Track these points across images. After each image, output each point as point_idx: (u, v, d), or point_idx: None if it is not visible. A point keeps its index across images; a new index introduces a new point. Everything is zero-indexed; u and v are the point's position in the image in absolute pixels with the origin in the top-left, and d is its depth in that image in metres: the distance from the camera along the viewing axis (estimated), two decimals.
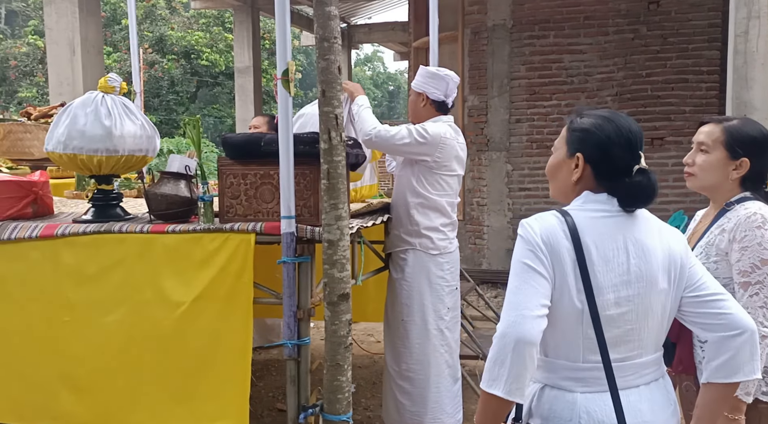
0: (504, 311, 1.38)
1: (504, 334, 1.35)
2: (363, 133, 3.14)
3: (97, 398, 2.69)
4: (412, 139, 3.10)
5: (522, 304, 1.36)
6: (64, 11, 6.10)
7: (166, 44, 19.24)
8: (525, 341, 1.33)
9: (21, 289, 2.79)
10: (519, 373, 1.32)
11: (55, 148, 2.84)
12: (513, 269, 1.42)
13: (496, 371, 1.34)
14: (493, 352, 1.37)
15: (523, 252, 1.41)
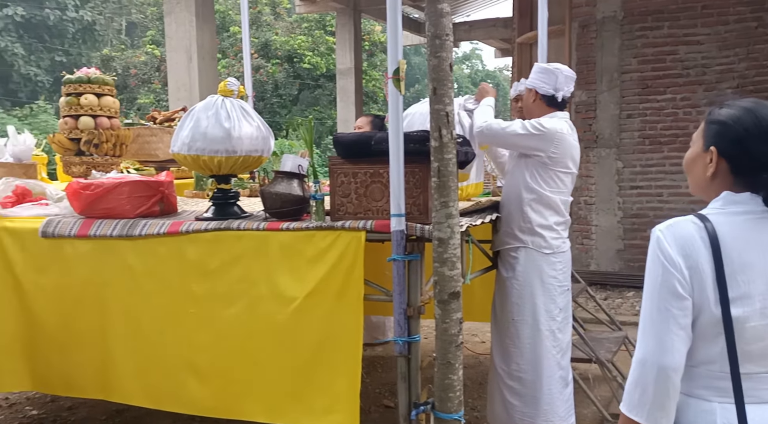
0: (642, 336, 1.33)
1: (644, 361, 1.31)
2: (475, 126, 3.14)
3: (218, 385, 2.82)
4: (526, 132, 3.06)
5: (662, 330, 1.30)
6: (182, 20, 6.45)
7: (270, 49, 19.92)
8: (667, 369, 1.28)
9: (150, 281, 2.96)
10: (663, 402, 1.29)
11: (180, 149, 3.00)
12: (649, 289, 1.35)
13: (637, 397, 1.31)
14: (633, 376, 1.33)
15: (659, 270, 1.33)
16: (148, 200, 3.19)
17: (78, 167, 3.70)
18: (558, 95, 3.20)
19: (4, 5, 26.99)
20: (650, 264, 1.36)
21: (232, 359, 2.80)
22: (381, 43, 20.91)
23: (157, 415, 3.83)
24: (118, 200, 3.13)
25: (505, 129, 3.08)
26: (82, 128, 3.65)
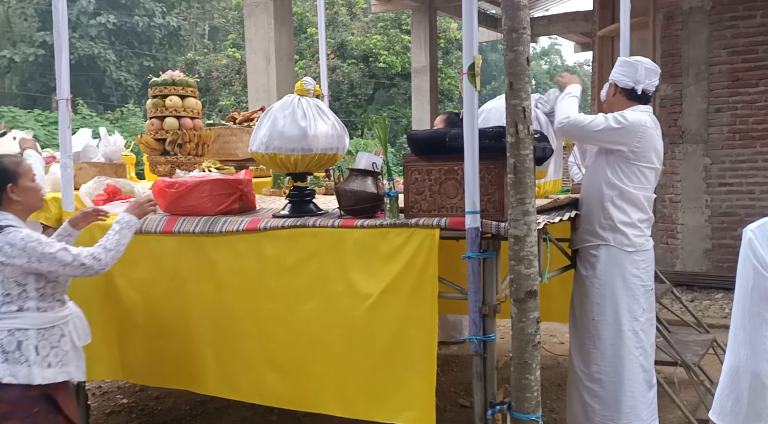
0: (733, 342, 1.26)
1: (736, 368, 1.24)
2: (557, 121, 3.07)
3: (296, 379, 2.88)
4: (608, 126, 2.96)
5: (755, 337, 1.22)
6: (262, 23, 6.62)
7: (346, 49, 20.16)
8: (762, 376, 1.21)
9: (230, 276, 3.05)
10: (759, 411, 1.22)
11: (258, 148, 3.08)
12: (740, 293, 1.26)
13: (730, 405, 1.24)
14: (725, 384, 1.26)
15: (750, 273, 1.24)
16: (228, 198, 3.28)
17: (163, 166, 3.86)
18: (638, 88, 3.08)
19: (97, 13, 28.51)
20: (741, 266, 1.28)
21: (309, 354, 2.84)
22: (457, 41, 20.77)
23: (237, 406, 3.96)
24: (200, 198, 3.24)
25: (588, 123, 2.99)
26: (167, 129, 3.80)
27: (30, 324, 2.53)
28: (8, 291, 2.51)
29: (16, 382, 2.45)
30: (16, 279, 2.51)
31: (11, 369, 2.45)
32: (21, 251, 2.45)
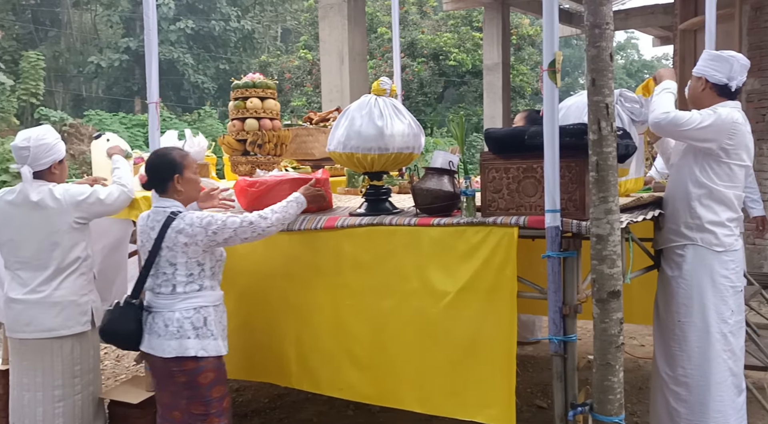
0: None
1: None
2: (652, 117, 2.99)
3: (375, 375, 2.92)
4: (705, 122, 2.87)
5: None
6: (336, 24, 6.73)
7: (416, 48, 20.17)
8: None
9: (309, 273, 3.12)
10: None
11: (335, 148, 3.13)
12: None
13: None
14: None
15: None
16: None
17: (244, 166, 3.98)
18: (732, 84, 2.98)
19: (177, 19, 29.62)
20: None
21: (387, 349, 2.88)
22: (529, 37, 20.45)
23: (314, 400, 4.05)
24: (280, 197, 3.31)
25: (686, 121, 2.89)
26: (247, 130, 3.92)
27: (209, 301, 2.81)
28: (191, 271, 2.77)
29: (207, 355, 2.74)
30: (197, 259, 2.78)
31: (202, 344, 2.73)
32: (200, 228, 2.72)
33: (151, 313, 2.79)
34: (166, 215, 2.78)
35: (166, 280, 2.77)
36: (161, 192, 2.85)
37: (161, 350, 2.72)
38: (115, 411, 3.59)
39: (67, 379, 3.30)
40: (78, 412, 3.34)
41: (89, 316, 3.33)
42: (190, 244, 2.74)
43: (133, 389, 3.66)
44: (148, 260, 2.78)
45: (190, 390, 2.74)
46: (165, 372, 2.77)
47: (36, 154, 3.25)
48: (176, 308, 2.75)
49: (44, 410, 3.30)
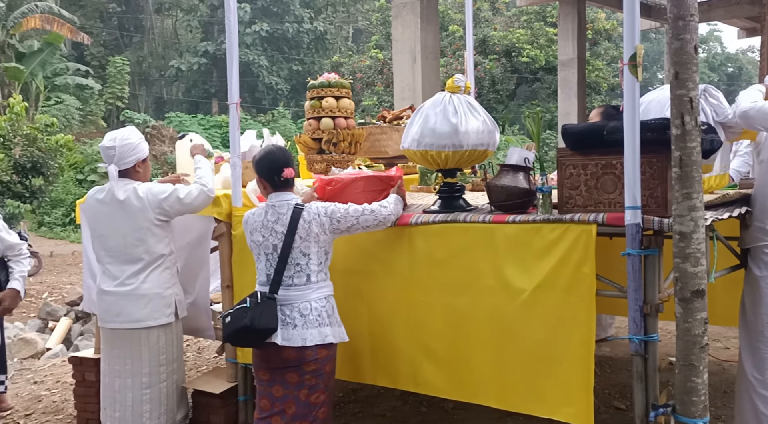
0: None
1: None
2: (741, 107, 2.89)
3: (452, 370, 2.93)
4: None
5: None
6: (409, 23, 6.76)
7: (488, 45, 19.99)
8: None
9: (384, 269, 3.17)
10: None
11: (410, 145, 3.16)
12: None
13: None
14: None
15: None
16: (380, 194, 3.38)
17: (319, 164, 4.06)
18: None
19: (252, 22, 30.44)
20: None
21: (463, 345, 2.89)
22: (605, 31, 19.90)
23: (387, 396, 4.10)
24: (354, 194, 3.37)
25: None
26: (323, 129, 4.00)
27: (331, 290, 2.97)
28: (320, 260, 2.91)
29: (335, 341, 2.88)
30: (325, 249, 2.93)
31: (334, 331, 2.87)
32: (326, 217, 2.88)
33: (280, 307, 2.85)
34: (290, 207, 2.89)
35: (299, 271, 2.87)
36: (288, 187, 2.99)
37: (301, 339, 2.78)
38: (197, 400, 3.75)
39: (153, 367, 3.47)
40: (163, 399, 3.51)
41: (173, 308, 3.49)
42: (320, 233, 2.87)
43: (215, 380, 3.81)
44: (283, 254, 2.85)
45: (316, 378, 2.83)
46: (292, 364, 2.81)
47: (121, 153, 3.43)
48: (310, 297, 2.87)
49: (133, 396, 3.48)
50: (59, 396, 4.81)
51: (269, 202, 2.98)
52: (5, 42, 23.39)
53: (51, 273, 13.97)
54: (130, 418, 3.48)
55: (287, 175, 2.96)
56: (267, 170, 2.97)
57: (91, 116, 27.68)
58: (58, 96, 25.49)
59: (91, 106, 27.68)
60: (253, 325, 2.77)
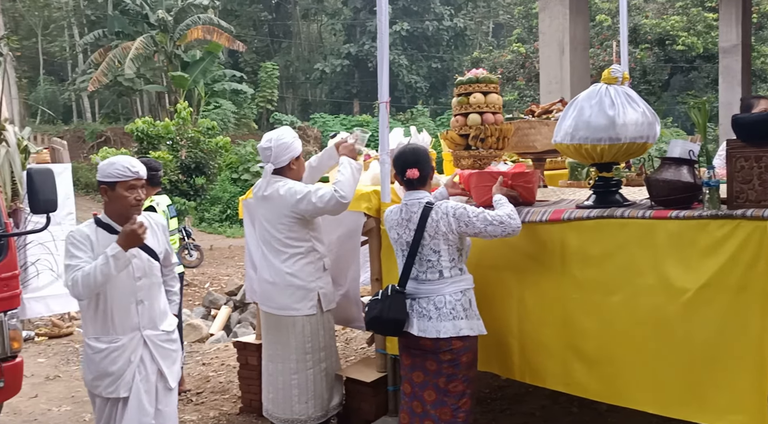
0: None
1: None
2: None
3: (604, 372, 2.84)
4: None
5: None
6: (557, 14, 6.58)
7: (639, 34, 18.96)
8: None
9: (533, 265, 3.12)
10: None
11: (562, 139, 3.09)
12: None
13: None
14: None
15: None
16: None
17: (466, 160, 4.07)
18: None
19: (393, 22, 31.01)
20: None
21: (618, 346, 2.78)
22: None
23: (536, 394, 4.04)
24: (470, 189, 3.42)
25: None
26: (470, 125, 4.00)
27: (469, 284, 3.04)
28: (452, 257, 2.99)
29: (473, 334, 2.97)
30: (456, 246, 3.00)
31: (470, 324, 2.95)
32: (453, 218, 2.94)
33: (415, 299, 3.00)
34: (421, 206, 3.00)
35: (431, 267, 2.99)
36: (421, 186, 3.08)
37: (435, 331, 2.91)
38: (349, 388, 3.90)
39: (299, 354, 3.67)
40: (311, 385, 3.70)
41: (316, 301, 3.66)
42: (448, 232, 2.95)
43: (366, 369, 3.95)
44: (412, 250, 3.00)
45: (453, 368, 2.93)
46: (429, 352, 2.95)
47: (277, 152, 3.65)
48: (445, 291, 2.96)
49: (283, 380, 3.71)
50: (224, 377, 5.21)
51: (403, 200, 3.10)
52: (172, 53, 25.58)
53: (211, 265, 15.13)
54: (281, 400, 3.71)
55: (410, 176, 3.05)
56: (398, 170, 3.12)
57: (245, 119, 29.59)
58: (217, 101, 27.47)
59: (244, 109, 29.58)
60: (382, 316, 2.97)
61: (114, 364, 3.01)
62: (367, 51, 32.69)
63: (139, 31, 25.11)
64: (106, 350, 3.01)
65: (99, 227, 3.04)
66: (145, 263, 3.11)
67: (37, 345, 6.73)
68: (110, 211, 3.07)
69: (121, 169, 3.00)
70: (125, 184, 3.00)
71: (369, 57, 32.76)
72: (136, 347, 3.06)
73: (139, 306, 3.07)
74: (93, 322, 3.05)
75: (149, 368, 3.07)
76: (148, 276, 3.11)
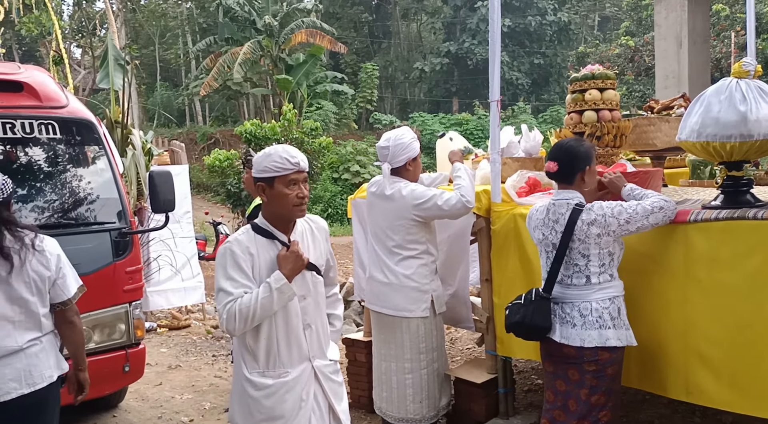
0: None
1: None
2: None
3: (733, 380, 2.69)
4: None
5: None
6: (674, 6, 6.27)
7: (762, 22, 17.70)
8: None
9: (654, 267, 2.99)
10: None
11: (688, 136, 2.94)
12: None
13: None
14: None
15: None
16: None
17: None
18: None
19: None
20: None
21: (750, 355, 2.62)
22: None
23: (653, 402, 3.88)
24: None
25: None
26: (585, 122, 3.90)
27: (619, 291, 2.84)
28: (603, 261, 2.80)
29: (621, 345, 2.77)
30: (608, 249, 2.80)
31: (617, 333, 2.76)
32: (612, 218, 2.73)
33: (559, 304, 2.85)
34: (570, 207, 2.81)
35: (578, 271, 2.82)
36: (567, 184, 2.90)
37: (579, 339, 2.75)
38: (458, 388, 3.90)
39: (414, 354, 3.70)
40: (425, 385, 3.72)
41: (429, 303, 3.68)
42: (602, 235, 2.75)
43: (475, 370, 3.93)
44: (558, 254, 2.82)
45: (597, 380, 2.76)
46: (572, 361, 2.80)
47: (394, 152, 3.68)
48: (591, 298, 2.78)
49: (397, 380, 3.75)
50: None
51: (552, 199, 2.94)
52: (277, 56, 26.48)
53: None
54: (395, 399, 3.75)
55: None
56: (564, 166, 2.91)
57: (345, 119, 30.17)
58: (318, 102, 28.18)
59: (344, 110, 30.16)
60: (524, 322, 2.83)
61: (283, 403, 2.48)
62: (467, 49, 32.46)
63: (247, 37, 26.17)
64: (274, 387, 2.49)
65: (257, 234, 2.52)
66: (309, 280, 2.60)
67: (159, 336, 7.15)
68: (269, 213, 2.56)
69: (279, 160, 2.46)
70: (285, 179, 2.47)
71: (469, 55, 32.50)
72: (307, 381, 2.55)
73: (306, 331, 2.57)
74: (254, 353, 2.51)
75: (322, 406, 2.59)
76: (312, 295, 2.61)
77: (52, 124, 4.12)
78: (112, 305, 4.12)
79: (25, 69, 4.47)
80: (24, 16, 15.66)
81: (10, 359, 2.59)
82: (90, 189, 4.29)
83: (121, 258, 4.18)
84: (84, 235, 4.09)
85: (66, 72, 14.49)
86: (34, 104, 4.11)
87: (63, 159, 4.31)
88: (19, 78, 4.18)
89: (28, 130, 4.04)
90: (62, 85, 4.69)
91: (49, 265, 2.69)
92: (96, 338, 4.05)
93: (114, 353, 4.13)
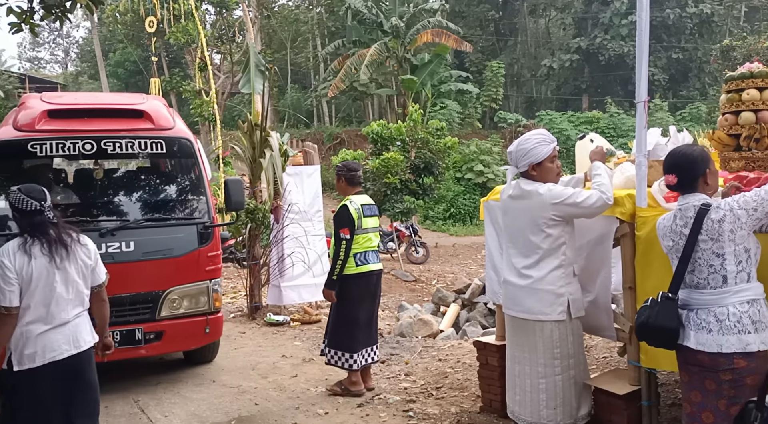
0: None
1: None
2: None
3: None
4: None
5: None
6: None
7: None
8: None
9: None
10: None
11: None
12: None
13: None
14: None
15: None
16: None
17: (736, 162, 3.71)
18: None
19: (629, 13, 29.24)
20: None
21: None
22: None
23: None
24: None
25: None
26: (742, 124, 3.65)
27: (757, 293, 2.67)
28: (740, 259, 2.66)
29: (764, 348, 2.60)
30: (744, 246, 2.66)
31: (760, 337, 2.60)
32: (741, 210, 2.63)
33: (693, 310, 2.74)
34: (696, 209, 2.72)
35: (713, 272, 2.69)
36: (688, 190, 2.82)
37: (716, 345, 2.62)
38: (598, 398, 3.77)
39: (548, 359, 3.61)
40: (559, 391, 3.62)
41: (565, 306, 3.58)
42: (735, 229, 2.63)
43: (617, 380, 3.78)
44: (684, 255, 2.73)
45: (735, 390, 2.61)
46: (708, 370, 2.67)
47: (516, 158, 3.65)
48: (727, 302, 2.65)
49: (530, 383, 3.68)
50: (461, 375, 5.34)
51: (677, 205, 2.85)
52: (403, 57, 26.83)
53: (436, 262, 15.61)
54: (528, 403, 3.69)
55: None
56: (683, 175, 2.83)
57: (469, 118, 30.01)
58: (443, 102, 28.23)
59: (469, 109, 30.00)
60: (648, 323, 2.77)
61: None
62: (599, 44, 31.26)
63: (374, 39, 26.71)
64: None
65: None
66: None
67: (292, 330, 7.46)
68: None
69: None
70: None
71: (601, 50, 31.28)
72: None
73: None
74: None
75: None
76: None
77: (160, 142, 5.37)
78: (197, 280, 5.27)
79: (146, 99, 5.90)
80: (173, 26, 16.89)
81: (63, 328, 3.29)
82: (185, 192, 5.60)
83: (204, 245, 5.33)
84: (178, 227, 5.34)
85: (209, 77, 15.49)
86: (149, 127, 5.41)
87: (167, 168, 5.68)
88: (141, 107, 5.56)
89: (143, 147, 5.32)
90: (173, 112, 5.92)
91: (90, 255, 3.44)
92: (185, 305, 5.26)
93: (198, 318, 5.29)
